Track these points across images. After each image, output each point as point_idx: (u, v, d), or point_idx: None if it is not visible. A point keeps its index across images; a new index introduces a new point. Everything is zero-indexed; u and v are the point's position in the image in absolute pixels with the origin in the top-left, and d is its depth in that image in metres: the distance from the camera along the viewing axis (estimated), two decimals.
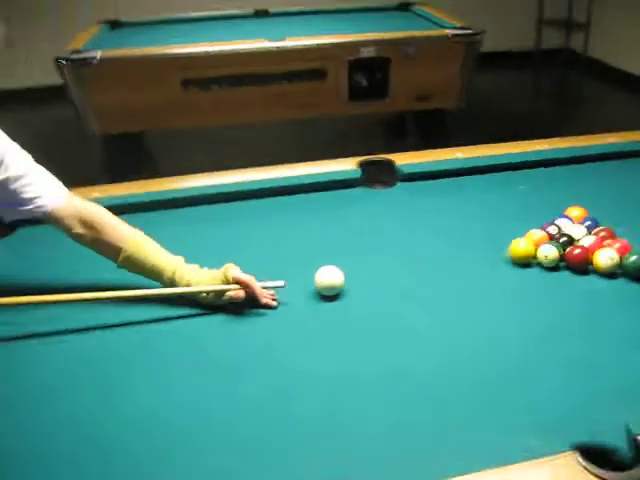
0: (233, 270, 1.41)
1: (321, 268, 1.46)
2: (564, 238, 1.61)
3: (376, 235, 1.74)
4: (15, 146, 1.42)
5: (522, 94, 5.82)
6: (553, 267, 1.58)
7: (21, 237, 1.76)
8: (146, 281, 1.45)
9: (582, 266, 1.56)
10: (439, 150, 2.14)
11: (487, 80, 5.26)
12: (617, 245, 1.57)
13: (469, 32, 3.72)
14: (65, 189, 1.45)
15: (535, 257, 1.59)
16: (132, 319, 1.40)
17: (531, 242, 1.59)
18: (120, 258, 1.41)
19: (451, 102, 3.92)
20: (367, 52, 3.67)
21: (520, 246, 1.59)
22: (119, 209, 1.56)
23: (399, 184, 2.02)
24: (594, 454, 1.00)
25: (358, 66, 3.72)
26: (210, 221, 1.83)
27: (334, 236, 1.74)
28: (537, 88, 6.07)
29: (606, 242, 1.60)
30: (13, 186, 1.38)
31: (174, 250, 1.48)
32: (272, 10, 4.57)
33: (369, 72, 3.77)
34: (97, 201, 1.53)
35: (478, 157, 2.10)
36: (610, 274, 1.54)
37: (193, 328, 1.39)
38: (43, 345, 1.34)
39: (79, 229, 1.41)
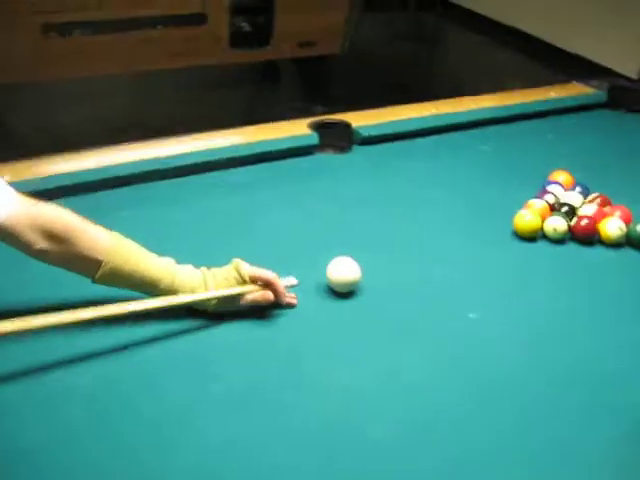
0: (246, 266, 1.17)
1: (334, 261, 1.26)
2: (565, 208, 1.51)
3: (360, 213, 1.55)
4: None
5: (384, 36, 5.74)
6: (560, 240, 1.47)
7: None
8: (127, 293, 1.15)
9: (590, 237, 1.47)
10: (390, 109, 1.97)
11: None
12: (619, 213, 1.50)
13: None
14: (13, 191, 1.09)
15: (541, 230, 1.48)
16: (121, 342, 1.11)
17: (537, 214, 1.48)
18: (99, 273, 1.10)
19: (336, 47, 3.73)
20: None
21: (527, 220, 1.47)
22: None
23: (356, 148, 1.82)
24: None
25: (239, 10, 3.42)
26: (154, 204, 1.52)
27: (313, 216, 1.53)
28: (396, 30, 6.00)
29: (606, 209, 1.52)
30: None
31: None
32: None
33: (251, 16, 3.48)
34: None
35: (431, 116, 1.94)
36: (617, 244, 1.47)
37: (201, 345, 1.13)
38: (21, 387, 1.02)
39: (43, 243, 1.07)
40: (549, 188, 1.58)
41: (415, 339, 1.19)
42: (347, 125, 1.82)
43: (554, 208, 1.52)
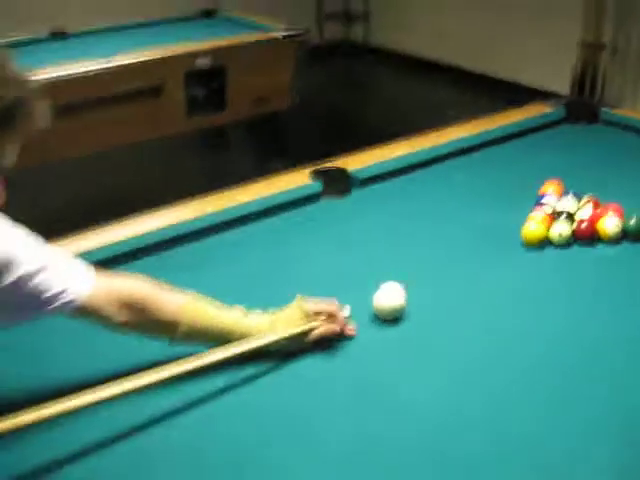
0: (308, 301, 1.26)
1: (381, 291, 1.36)
2: (564, 214, 1.65)
3: (380, 249, 1.66)
4: (21, 233, 1.09)
5: (317, 86, 5.94)
6: (565, 244, 1.61)
7: None
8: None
9: (591, 238, 1.61)
10: (378, 149, 2.10)
11: None
12: (612, 211, 1.65)
13: (298, 32, 3.71)
14: (86, 267, 1.15)
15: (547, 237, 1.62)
16: (190, 398, 1.17)
17: (542, 224, 1.61)
18: (177, 336, 1.18)
19: (286, 103, 3.88)
20: (203, 62, 3.50)
21: (533, 229, 1.61)
22: None
23: (354, 191, 1.94)
24: None
25: (194, 78, 3.54)
26: (195, 266, 1.60)
27: (338, 254, 1.63)
28: (332, 79, 6.22)
29: (599, 210, 1.67)
30: (30, 285, 1.05)
31: None
32: (71, 31, 4.16)
33: (205, 83, 3.60)
34: None
35: (417, 151, 2.08)
36: (616, 240, 1.61)
37: (278, 387, 1.21)
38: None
39: (122, 316, 1.14)
40: (544, 200, 1.72)
41: (467, 349, 1.30)
42: (344, 170, 1.94)
43: (554, 216, 1.66)
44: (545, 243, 1.62)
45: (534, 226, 1.61)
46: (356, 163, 2.01)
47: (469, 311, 1.41)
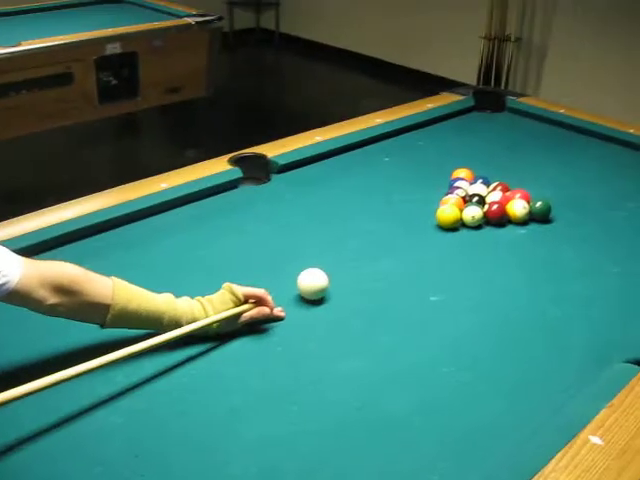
0: (238, 287, 1.28)
1: (305, 272, 1.40)
2: (476, 198, 1.74)
3: (301, 235, 1.69)
4: None
5: (230, 74, 5.92)
6: (477, 226, 1.69)
7: None
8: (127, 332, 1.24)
9: (501, 219, 1.70)
10: (297, 137, 2.13)
11: None
12: (519, 195, 1.74)
13: (211, 18, 3.69)
14: (15, 255, 1.14)
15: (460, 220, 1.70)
16: (129, 382, 1.18)
17: (455, 207, 1.69)
18: (109, 317, 1.17)
19: (202, 90, 3.87)
20: (113, 48, 3.44)
21: (448, 213, 1.68)
22: None
23: (274, 177, 1.96)
24: None
25: (105, 65, 3.47)
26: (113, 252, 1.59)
27: (260, 240, 1.66)
28: (245, 67, 6.20)
29: (508, 194, 1.76)
30: None
31: None
32: None
33: (117, 70, 3.54)
34: None
35: (334, 138, 2.12)
36: (524, 221, 1.71)
37: (211, 367, 1.23)
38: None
39: (54, 298, 1.13)
40: (456, 184, 1.80)
41: (389, 324, 1.36)
42: (263, 157, 1.97)
43: (466, 200, 1.74)
44: (458, 225, 1.69)
45: (448, 209, 1.68)
46: (274, 150, 2.03)
47: (388, 291, 1.47)
